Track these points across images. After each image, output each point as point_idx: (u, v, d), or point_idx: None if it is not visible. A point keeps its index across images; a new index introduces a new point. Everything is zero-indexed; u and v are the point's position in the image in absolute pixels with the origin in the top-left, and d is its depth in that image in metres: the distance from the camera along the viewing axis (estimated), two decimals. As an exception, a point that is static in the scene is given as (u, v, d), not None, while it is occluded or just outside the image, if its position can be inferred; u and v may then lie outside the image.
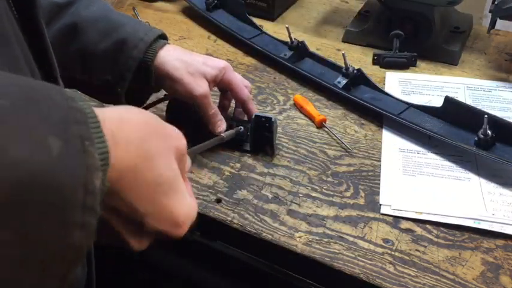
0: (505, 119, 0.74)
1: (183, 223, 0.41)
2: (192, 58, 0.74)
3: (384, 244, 0.64)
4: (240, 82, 0.78)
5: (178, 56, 0.74)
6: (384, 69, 0.97)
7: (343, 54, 0.87)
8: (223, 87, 0.78)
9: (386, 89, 0.89)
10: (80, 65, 0.73)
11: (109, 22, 0.72)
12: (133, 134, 0.38)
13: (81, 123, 0.33)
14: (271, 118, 0.73)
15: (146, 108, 0.81)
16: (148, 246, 0.45)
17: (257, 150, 0.77)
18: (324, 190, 0.72)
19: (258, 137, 0.76)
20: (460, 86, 0.92)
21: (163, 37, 0.75)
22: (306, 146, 0.79)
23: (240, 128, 0.76)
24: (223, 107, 0.81)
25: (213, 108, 0.74)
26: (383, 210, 0.69)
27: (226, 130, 0.75)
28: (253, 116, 0.75)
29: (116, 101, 0.72)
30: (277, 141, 0.79)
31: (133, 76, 0.71)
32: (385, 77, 0.94)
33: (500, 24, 0.98)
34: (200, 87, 0.72)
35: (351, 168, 0.75)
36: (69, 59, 0.72)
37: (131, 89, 0.73)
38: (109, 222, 0.39)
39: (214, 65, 0.75)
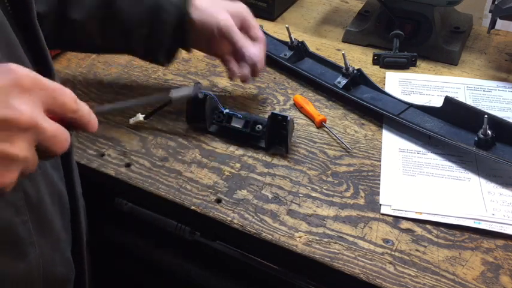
0: (505, 119, 0.74)
1: None
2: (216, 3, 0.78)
3: (384, 244, 0.64)
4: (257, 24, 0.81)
5: (205, 5, 0.77)
6: (384, 69, 0.97)
7: (343, 54, 0.87)
8: (241, 25, 0.79)
9: (386, 89, 0.89)
10: (119, 35, 0.77)
11: None
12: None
13: None
14: (287, 117, 0.74)
15: (152, 113, 0.82)
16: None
17: (272, 148, 0.78)
18: (324, 190, 0.72)
19: (273, 135, 0.76)
20: (460, 86, 0.92)
21: None
22: (306, 146, 0.79)
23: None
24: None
25: (239, 35, 0.76)
26: (383, 210, 0.69)
27: (244, 126, 0.78)
28: (270, 114, 0.76)
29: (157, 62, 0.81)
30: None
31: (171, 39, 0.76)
32: (385, 77, 0.94)
33: (500, 24, 0.98)
34: (224, 16, 0.76)
35: (351, 168, 0.75)
36: (109, 31, 0.77)
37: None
38: None
39: (236, 5, 0.79)
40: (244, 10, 0.80)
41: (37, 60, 0.52)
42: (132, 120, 0.82)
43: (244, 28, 0.79)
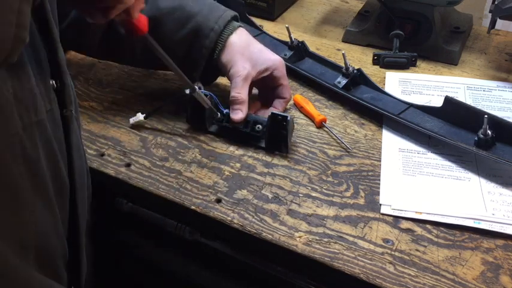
0: (505, 119, 0.74)
1: None
2: (252, 45, 0.80)
3: (384, 244, 0.64)
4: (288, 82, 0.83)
5: (241, 44, 0.79)
6: (384, 69, 0.97)
7: (343, 54, 0.87)
8: (270, 82, 0.82)
9: (386, 89, 0.89)
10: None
11: (184, 11, 0.79)
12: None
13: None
14: (287, 117, 0.74)
15: (152, 113, 0.83)
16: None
17: (272, 148, 0.78)
18: (324, 190, 0.72)
19: (273, 135, 0.76)
20: (460, 86, 0.92)
21: (234, 18, 0.81)
22: (306, 146, 0.79)
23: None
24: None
25: (240, 93, 0.77)
26: (383, 210, 0.69)
27: (244, 126, 0.78)
28: (270, 114, 0.76)
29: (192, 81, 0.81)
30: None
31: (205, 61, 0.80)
32: (385, 77, 0.94)
33: (500, 24, 0.98)
34: (243, 68, 0.77)
35: (351, 168, 0.75)
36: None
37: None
38: None
39: (269, 57, 0.80)
40: (276, 64, 0.81)
41: (52, 61, 0.53)
42: (132, 120, 0.82)
43: (272, 86, 0.83)
